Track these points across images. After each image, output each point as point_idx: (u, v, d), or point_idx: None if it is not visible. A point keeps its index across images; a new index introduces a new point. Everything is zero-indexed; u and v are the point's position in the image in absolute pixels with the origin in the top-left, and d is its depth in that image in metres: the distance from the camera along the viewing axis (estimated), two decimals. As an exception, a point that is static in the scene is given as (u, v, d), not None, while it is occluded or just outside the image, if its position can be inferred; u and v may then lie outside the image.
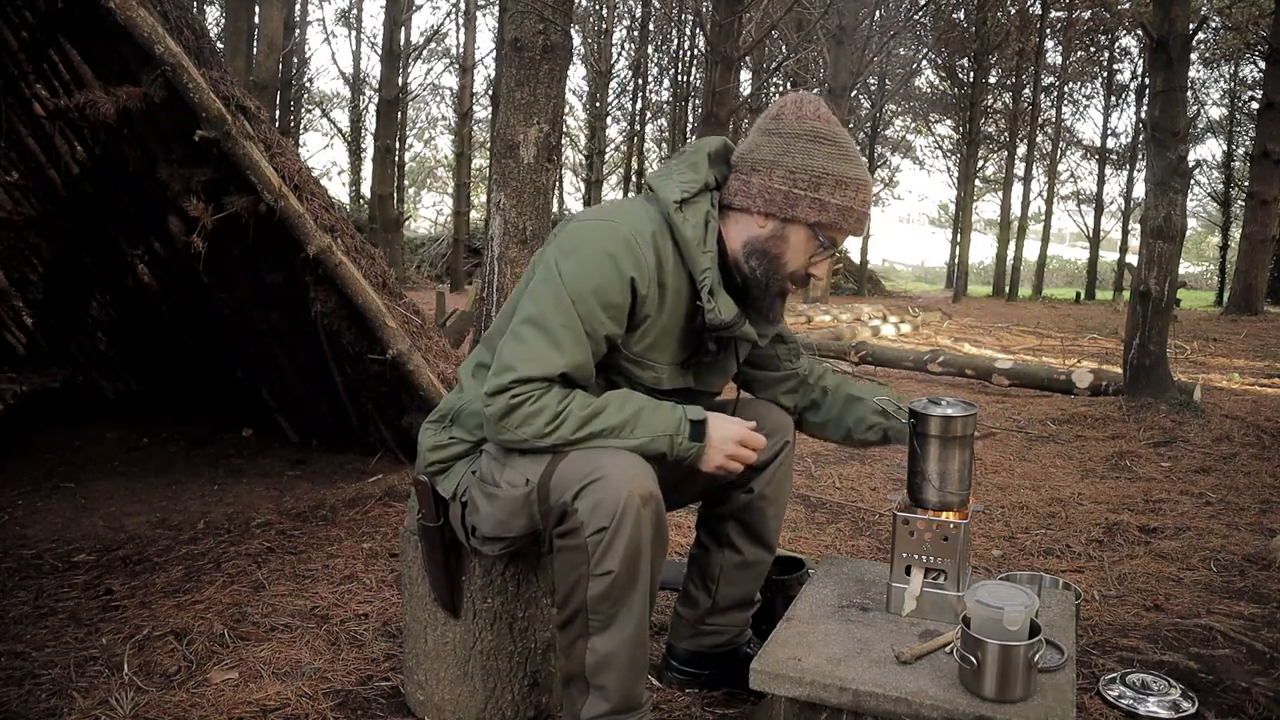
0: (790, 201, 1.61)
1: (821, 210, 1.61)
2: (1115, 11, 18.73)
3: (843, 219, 1.62)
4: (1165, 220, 5.30)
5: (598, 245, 1.55)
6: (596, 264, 1.54)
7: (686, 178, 1.65)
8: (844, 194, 1.61)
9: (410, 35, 23.20)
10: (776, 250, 1.64)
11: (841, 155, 1.61)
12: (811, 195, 1.60)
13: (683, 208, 1.61)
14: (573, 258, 1.55)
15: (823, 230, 1.63)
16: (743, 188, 1.64)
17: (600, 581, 1.49)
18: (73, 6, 3.27)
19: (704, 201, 1.64)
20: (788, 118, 1.63)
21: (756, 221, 1.64)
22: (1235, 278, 16.25)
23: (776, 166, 1.61)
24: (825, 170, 1.60)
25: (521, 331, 1.55)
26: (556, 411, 1.53)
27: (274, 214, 3.22)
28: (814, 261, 1.67)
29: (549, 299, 1.54)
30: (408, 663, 1.89)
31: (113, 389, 5.50)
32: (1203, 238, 44.72)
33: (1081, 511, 3.47)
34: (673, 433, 1.57)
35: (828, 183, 1.60)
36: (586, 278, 1.54)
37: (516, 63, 4.87)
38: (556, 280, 1.54)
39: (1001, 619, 1.43)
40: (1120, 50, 27.01)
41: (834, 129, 1.63)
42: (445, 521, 1.73)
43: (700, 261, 1.60)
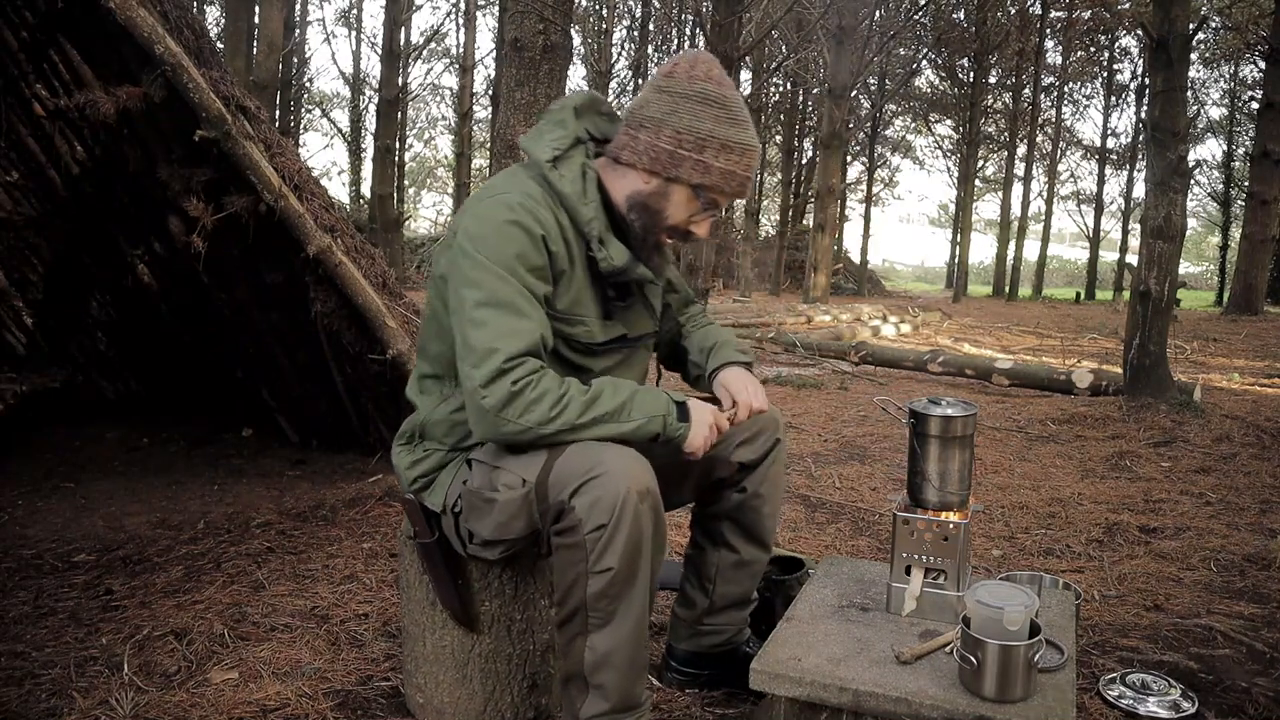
0: (675, 161, 1.63)
1: (705, 172, 1.63)
2: (1115, 11, 18.73)
3: (725, 182, 1.65)
4: (1165, 220, 5.30)
5: (500, 218, 1.58)
6: (508, 235, 1.57)
7: (555, 135, 1.68)
8: (728, 158, 1.63)
9: (410, 35, 23.23)
10: (658, 206, 1.67)
11: (729, 119, 1.63)
12: (696, 157, 1.62)
13: (557, 164, 1.65)
14: (485, 238, 1.58)
15: (704, 192, 1.65)
16: (630, 143, 1.66)
17: (600, 579, 1.48)
18: (73, 6, 3.27)
19: (578, 154, 1.68)
20: (679, 76, 1.64)
21: (641, 177, 1.66)
22: (1235, 278, 16.26)
23: (664, 125, 1.63)
24: (711, 133, 1.62)
25: (481, 316, 1.55)
26: (559, 396, 1.53)
27: (274, 214, 3.22)
28: (694, 220, 1.70)
29: (489, 279, 1.56)
30: (407, 665, 1.89)
31: (113, 389, 5.50)
32: (1203, 238, 44.72)
33: (1081, 511, 3.47)
34: (665, 413, 1.60)
35: (713, 146, 1.62)
36: (506, 249, 1.56)
37: (516, 63, 4.86)
38: (484, 262, 1.56)
39: (1001, 619, 1.43)
40: (1120, 50, 27.04)
41: (724, 91, 1.64)
42: (441, 535, 1.73)
43: (583, 213, 1.64)
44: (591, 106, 1.76)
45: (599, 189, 1.68)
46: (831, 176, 15.76)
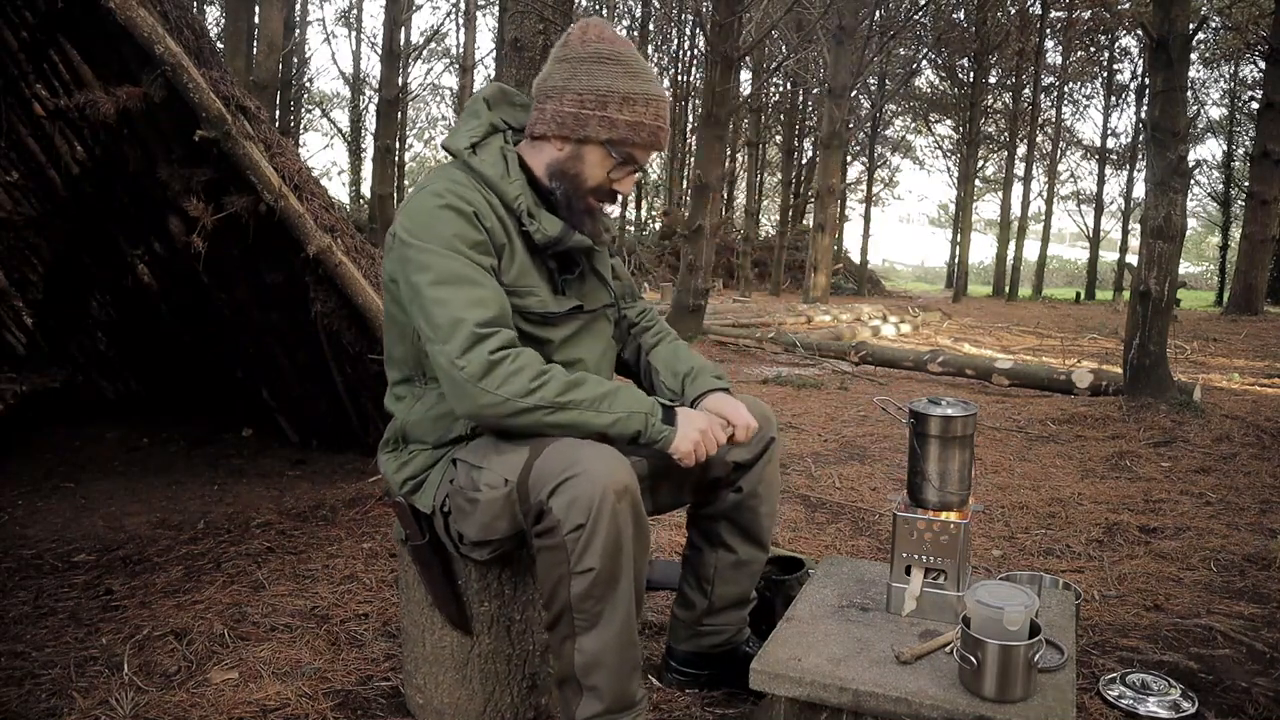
0: (580, 122, 1.66)
1: (611, 127, 1.66)
2: (1115, 11, 18.73)
3: (634, 134, 1.67)
4: (1165, 220, 5.30)
5: (428, 204, 1.62)
6: (439, 217, 1.60)
7: (470, 126, 1.73)
8: (631, 109, 1.66)
9: (410, 35, 23.24)
10: (575, 170, 1.70)
11: (627, 73, 1.67)
12: (600, 114, 1.66)
13: (476, 151, 1.70)
14: (421, 228, 1.61)
15: (615, 147, 1.68)
16: (540, 116, 1.70)
17: (582, 579, 1.48)
18: (73, 6, 3.27)
19: (495, 140, 1.73)
20: (574, 44, 1.69)
21: (554, 146, 1.70)
22: (1235, 278, 16.25)
23: (566, 91, 1.67)
24: (610, 89, 1.65)
25: (438, 294, 1.56)
26: (540, 370, 1.55)
27: (274, 214, 3.22)
28: (613, 178, 1.72)
29: (436, 260, 1.58)
30: (406, 666, 1.89)
31: (113, 389, 5.50)
32: (1203, 238, 44.72)
33: (1081, 511, 3.47)
34: (648, 411, 1.60)
35: (614, 100, 1.65)
36: (444, 231, 1.59)
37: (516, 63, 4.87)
38: (426, 246, 1.59)
39: (1001, 619, 1.43)
40: (1120, 50, 27.04)
41: (619, 48, 1.68)
42: (433, 536, 1.73)
43: (508, 190, 1.67)
44: (503, 98, 1.80)
45: (522, 168, 1.72)
46: (831, 176, 15.76)
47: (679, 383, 1.87)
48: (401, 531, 1.76)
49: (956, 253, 24.96)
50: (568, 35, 1.72)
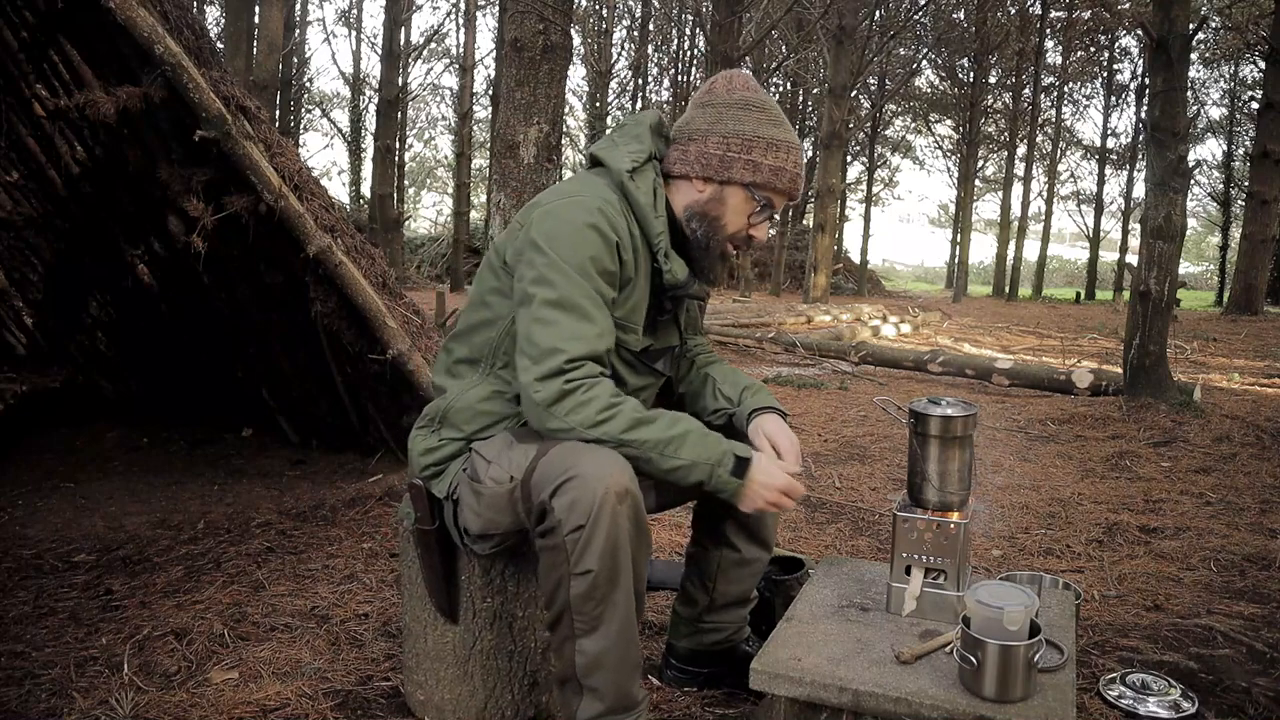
0: (725, 164, 1.70)
1: (755, 170, 1.70)
2: (1115, 11, 18.72)
3: (776, 178, 1.71)
4: (1165, 220, 5.30)
5: (577, 220, 1.60)
6: (583, 237, 1.59)
7: (633, 148, 1.73)
8: (775, 155, 1.71)
9: (410, 35, 23.23)
10: (716, 212, 1.73)
11: (771, 121, 1.72)
12: (745, 157, 1.70)
13: (634, 176, 1.69)
14: (561, 238, 1.59)
15: (758, 190, 1.71)
16: (681, 156, 1.73)
17: (581, 581, 1.48)
18: (73, 6, 3.27)
19: (650, 170, 1.73)
20: (719, 91, 1.74)
21: (696, 186, 1.73)
22: (1235, 278, 16.26)
23: (711, 134, 1.71)
24: (756, 134, 1.70)
25: (548, 315, 1.56)
26: (608, 404, 1.55)
27: (274, 214, 3.22)
28: (752, 223, 1.75)
29: (560, 280, 1.56)
30: (408, 662, 1.89)
31: (113, 389, 5.50)
32: (1203, 238, 44.73)
33: (1081, 511, 3.47)
34: (714, 463, 1.59)
35: (759, 145, 1.70)
36: (581, 251, 1.58)
37: (516, 63, 4.86)
38: (557, 261, 1.57)
39: (1001, 619, 1.43)
40: (1120, 50, 27.06)
41: (763, 98, 1.73)
42: (440, 524, 1.73)
43: (654, 226, 1.68)
44: (659, 128, 1.80)
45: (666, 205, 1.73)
46: (831, 176, 15.76)
47: (738, 392, 1.87)
48: (411, 513, 1.76)
49: (956, 253, 24.98)
50: (712, 83, 1.76)
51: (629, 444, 1.55)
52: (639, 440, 1.55)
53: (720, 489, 1.60)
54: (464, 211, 20.69)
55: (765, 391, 1.88)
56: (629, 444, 1.55)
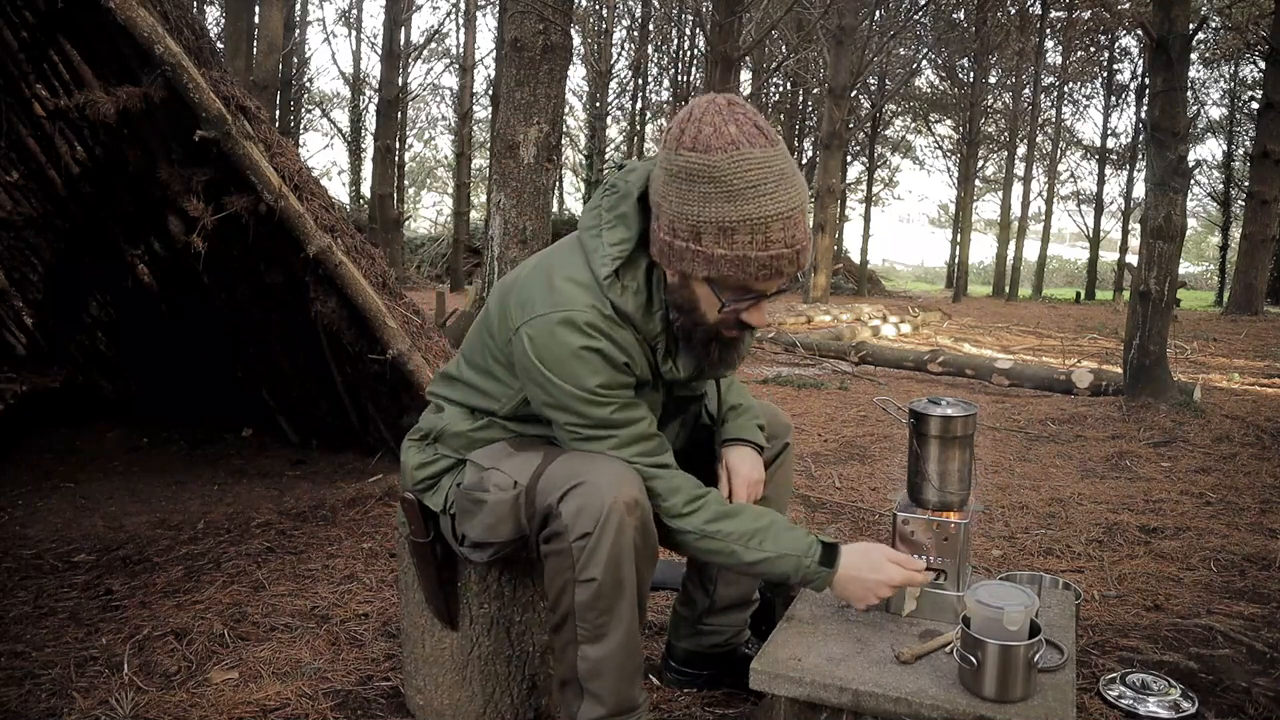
0: (676, 255, 1.40)
1: (709, 264, 1.37)
2: (1115, 11, 18.72)
3: (738, 271, 1.36)
4: (1165, 220, 5.29)
5: (574, 344, 1.44)
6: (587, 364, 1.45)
7: (616, 238, 1.47)
8: (730, 243, 1.33)
9: (410, 35, 23.22)
10: (689, 304, 1.47)
11: (722, 194, 1.31)
12: (695, 248, 1.36)
13: (619, 275, 1.46)
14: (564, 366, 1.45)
15: (720, 285, 1.40)
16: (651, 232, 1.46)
17: (586, 588, 1.47)
18: (73, 6, 3.27)
19: (641, 258, 1.48)
20: (669, 145, 1.37)
21: (670, 271, 1.46)
22: (1235, 278, 16.25)
23: (661, 213, 1.40)
24: (700, 216, 1.33)
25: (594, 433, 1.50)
26: (694, 495, 1.54)
27: (274, 214, 3.22)
28: (735, 312, 1.45)
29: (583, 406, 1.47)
30: (406, 666, 1.89)
31: (113, 389, 5.50)
32: (1203, 238, 44.72)
33: (1081, 511, 3.47)
34: (800, 554, 1.54)
35: (709, 232, 1.34)
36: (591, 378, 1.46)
37: (516, 63, 4.86)
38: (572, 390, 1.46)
39: (1001, 619, 1.43)
40: (1120, 50, 27.04)
41: (712, 159, 1.31)
42: (436, 535, 1.72)
43: (650, 328, 1.51)
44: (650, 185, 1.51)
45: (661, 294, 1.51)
46: (831, 176, 15.76)
47: (724, 411, 1.80)
48: (405, 524, 1.76)
49: (956, 253, 24.96)
50: (667, 130, 1.40)
51: (711, 536, 1.52)
52: (724, 532, 1.52)
53: (810, 579, 1.55)
54: (464, 211, 20.70)
55: (748, 416, 1.80)
56: (711, 536, 1.52)
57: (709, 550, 1.54)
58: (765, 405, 1.93)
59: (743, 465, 1.73)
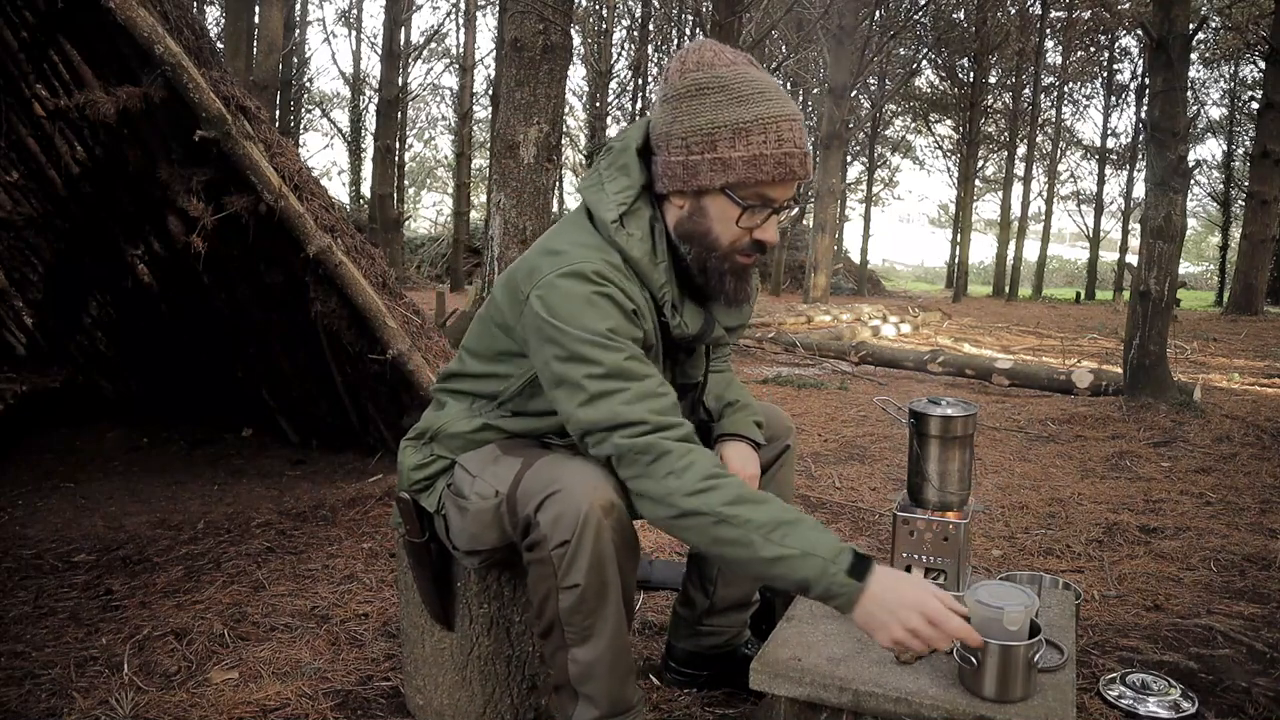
0: (691, 171, 1.43)
1: (726, 169, 1.41)
2: (1115, 11, 18.72)
3: (755, 171, 1.40)
4: (1165, 220, 5.29)
5: (584, 291, 1.42)
6: (599, 308, 1.42)
7: (619, 186, 1.49)
8: (746, 143, 1.39)
9: (410, 35, 23.23)
10: (701, 229, 1.47)
11: (733, 99, 1.39)
12: (710, 156, 1.41)
13: (624, 223, 1.47)
14: (576, 312, 1.41)
15: (737, 190, 1.42)
16: (655, 171, 1.49)
17: (569, 594, 1.46)
18: (73, 6, 3.27)
19: (644, 207, 1.50)
20: (672, 79, 1.45)
21: (676, 203, 1.49)
22: (1235, 278, 16.26)
23: (671, 137, 1.44)
24: (714, 123, 1.39)
25: (604, 387, 1.40)
26: (710, 472, 1.38)
27: (274, 214, 3.22)
28: (750, 227, 1.47)
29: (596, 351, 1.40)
30: (406, 667, 1.89)
31: (113, 389, 5.50)
32: (1203, 238, 44.73)
33: (1081, 511, 3.47)
34: (828, 557, 1.34)
35: (723, 136, 1.40)
36: (602, 321, 1.41)
37: (516, 63, 4.86)
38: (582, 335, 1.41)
39: (1002, 619, 1.43)
40: (1120, 50, 27.04)
41: (718, 72, 1.41)
42: (432, 535, 1.71)
43: (655, 278, 1.49)
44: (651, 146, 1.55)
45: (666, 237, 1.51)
46: (831, 176, 15.76)
47: (720, 407, 1.77)
48: (401, 524, 1.75)
49: (956, 253, 24.96)
50: (667, 70, 1.48)
51: (729, 520, 1.34)
52: (742, 518, 1.34)
53: (834, 592, 1.34)
54: (464, 211, 20.70)
55: (746, 412, 1.78)
56: (729, 520, 1.34)
57: (722, 539, 1.36)
58: (766, 406, 1.93)
59: (737, 460, 1.70)
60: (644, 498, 1.42)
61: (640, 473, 1.40)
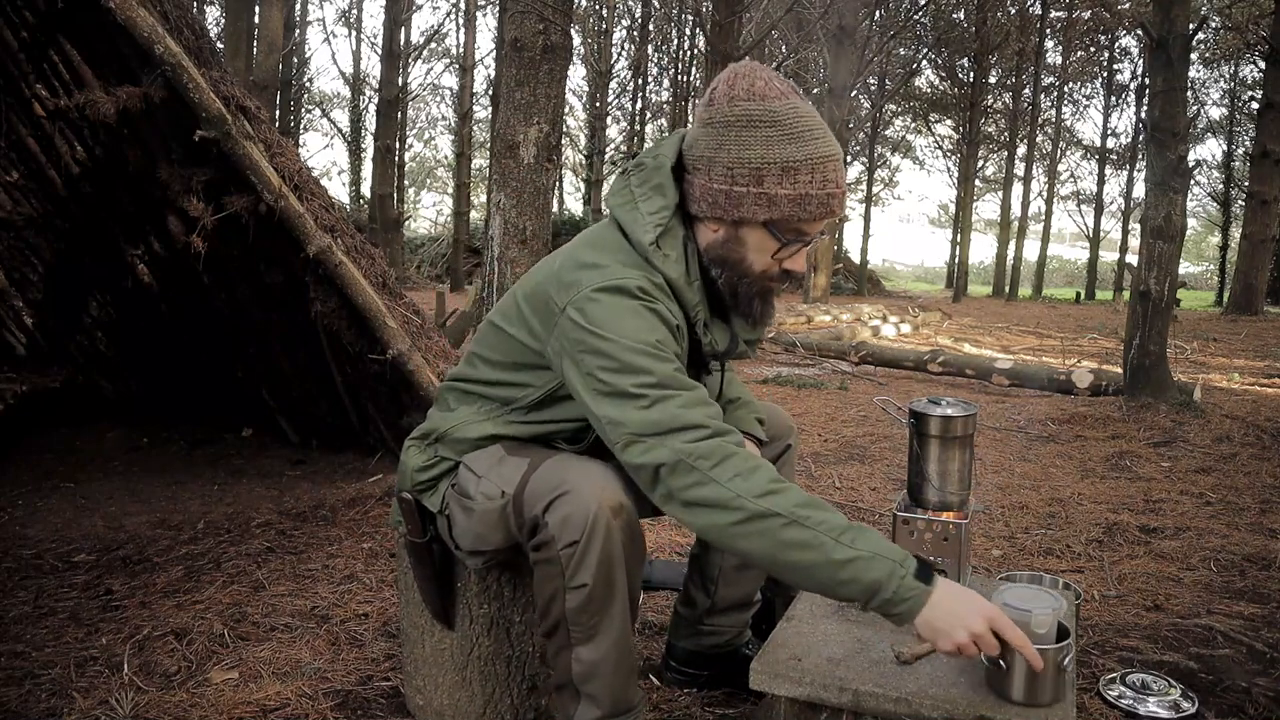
0: (734, 202, 1.44)
1: (771, 206, 1.43)
2: (1115, 11, 18.73)
3: (799, 209, 1.43)
4: (1165, 220, 5.30)
5: (630, 305, 1.42)
6: (646, 321, 1.42)
7: (655, 207, 1.50)
8: (794, 182, 1.41)
9: (410, 35, 23.24)
10: (735, 256, 1.50)
11: (784, 136, 1.41)
12: (756, 190, 1.42)
13: (660, 244, 1.48)
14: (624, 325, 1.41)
15: (778, 227, 1.46)
16: (691, 193, 1.49)
17: (576, 594, 1.47)
18: (73, 6, 3.27)
19: (678, 227, 1.51)
20: (719, 102, 1.45)
21: (710, 227, 1.50)
22: (1235, 278, 16.26)
23: (714, 164, 1.44)
24: (765, 159, 1.41)
25: (658, 395, 1.38)
26: (776, 477, 1.37)
27: (274, 214, 3.22)
28: (783, 258, 1.50)
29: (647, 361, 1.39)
30: (406, 667, 1.89)
31: (113, 389, 5.50)
32: (1203, 238, 44.73)
33: (1081, 511, 3.47)
34: (897, 560, 1.32)
35: (771, 173, 1.41)
36: (649, 334, 1.42)
37: (516, 63, 4.86)
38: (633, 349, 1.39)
39: (1030, 622, 1.41)
40: (1120, 50, 27.05)
41: (771, 105, 1.42)
42: (434, 535, 1.71)
43: (690, 297, 1.50)
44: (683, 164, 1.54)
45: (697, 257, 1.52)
46: (831, 176, 15.74)
47: (721, 405, 1.75)
48: (402, 523, 1.75)
49: (956, 253, 24.97)
50: (712, 91, 1.47)
51: (800, 521, 1.31)
52: (815, 520, 1.32)
53: (903, 595, 1.31)
54: (464, 211, 20.71)
55: (747, 409, 1.79)
56: (800, 521, 1.31)
57: (792, 542, 1.31)
58: (767, 405, 1.93)
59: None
60: (701, 505, 1.35)
61: (700, 479, 1.35)
